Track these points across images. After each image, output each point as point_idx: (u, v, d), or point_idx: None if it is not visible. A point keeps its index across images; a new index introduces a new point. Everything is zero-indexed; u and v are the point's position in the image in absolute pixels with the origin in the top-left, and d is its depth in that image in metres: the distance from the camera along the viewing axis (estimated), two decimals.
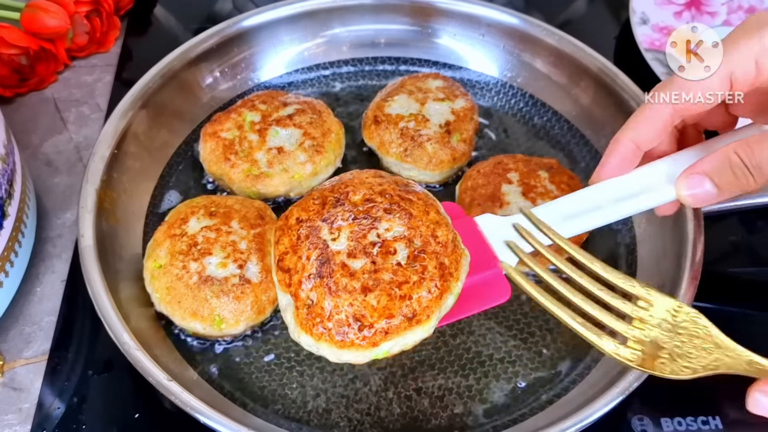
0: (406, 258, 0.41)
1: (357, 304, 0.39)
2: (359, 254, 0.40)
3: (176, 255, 0.53)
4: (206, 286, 0.51)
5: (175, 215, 0.56)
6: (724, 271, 0.61)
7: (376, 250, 0.41)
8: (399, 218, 0.42)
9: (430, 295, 0.40)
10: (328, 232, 0.42)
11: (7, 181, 0.52)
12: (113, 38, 0.77)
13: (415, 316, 0.40)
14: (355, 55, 0.73)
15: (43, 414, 0.50)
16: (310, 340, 0.40)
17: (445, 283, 0.41)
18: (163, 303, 0.52)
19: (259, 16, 0.69)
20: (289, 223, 0.43)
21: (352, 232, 0.41)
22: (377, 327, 0.39)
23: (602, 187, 0.47)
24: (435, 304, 0.40)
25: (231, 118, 0.62)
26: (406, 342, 0.41)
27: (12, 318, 0.55)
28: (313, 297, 0.40)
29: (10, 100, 0.71)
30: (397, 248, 0.41)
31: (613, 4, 0.85)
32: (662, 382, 0.52)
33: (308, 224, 0.42)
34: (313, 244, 0.41)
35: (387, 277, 0.40)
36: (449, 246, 0.42)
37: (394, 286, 0.40)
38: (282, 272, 0.42)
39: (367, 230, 0.41)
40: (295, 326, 0.41)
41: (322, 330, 0.40)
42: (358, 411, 0.51)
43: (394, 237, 0.41)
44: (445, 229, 0.42)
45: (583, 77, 0.67)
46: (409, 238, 0.41)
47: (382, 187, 0.44)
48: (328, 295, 0.40)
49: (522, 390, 0.52)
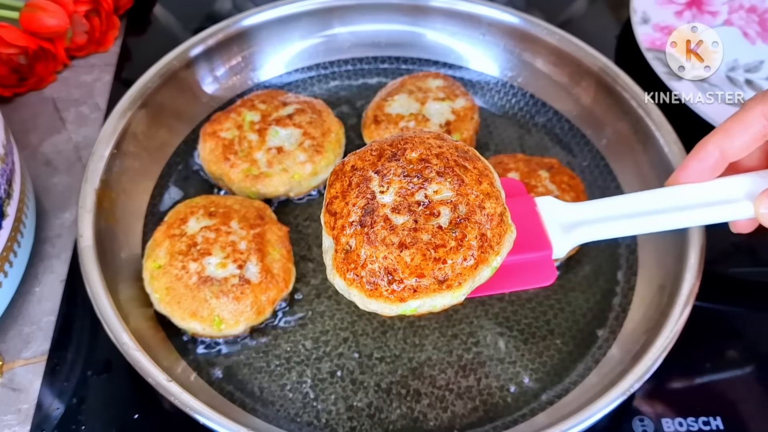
0: (448, 222, 0.41)
1: (391, 258, 0.40)
2: (403, 210, 0.41)
3: (175, 255, 0.53)
4: (206, 287, 0.51)
5: (174, 215, 0.56)
6: (725, 271, 0.61)
7: (421, 209, 0.41)
8: (450, 183, 0.42)
9: (465, 264, 0.40)
10: (378, 184, 0.42)
11: (6, 181, 0.52)
12: (112, 38, 0.77)
13: (446, 281, 0.40)
14: (355, 54, 0.73)
15: (42, 414, 0.50)
16: (343, 284, 0.41)
17: (483, 255, 0.41)
18: (162, 303, 0.52)
19: (258, 16, 0.69)
20: (345, 169, 0.44)
21: (401, 188, 0.42)
22: (407, 283, 0.40)
23: (677, 190, 0.45)
24: (469, 273, 0.40)
25: (230, 117, 0.62)
26: (434, 304, 0.41)
27: (11, 318, 0.55)
28: (352, 243, 0.41)
29: (9, 100, 0.70)
30: (441, 211, 0.41)
31: (613, 4, 0.85)
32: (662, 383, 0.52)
33: (361, 173, 0.43)
34: (362, 193, 0.42)
35: (425, 238, 0.40)
36: (495, 219, 0.41)
37: (431, 248, 0.40)
38: (329, 215, 0.42)
39: (416, 189, 0.41)
40: (331, 268, 0.42)
41: (355, 276, 0.40)
42: (358, 411, 0.51)
43: (441, 200, 0.41)
44: (494, 202, 0.42)
45: (584, 77, 0.67)
46: (455, 203, 0.41)
47: (440, 149, 0.43)
48: (366, 245, 0.40)
49: (522, 391, 0.52)
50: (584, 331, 0.55)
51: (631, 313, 0.55)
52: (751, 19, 0.77)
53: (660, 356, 0.47)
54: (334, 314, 0.55)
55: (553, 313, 0.56)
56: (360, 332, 0.54)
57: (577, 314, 0.56)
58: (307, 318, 0.55)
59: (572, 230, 0.45)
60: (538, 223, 0.45)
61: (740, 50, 0.74)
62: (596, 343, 0.54)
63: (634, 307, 0.55)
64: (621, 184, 0.63)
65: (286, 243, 0.56)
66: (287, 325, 0.55)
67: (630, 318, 0.55)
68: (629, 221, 0.45)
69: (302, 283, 0.57)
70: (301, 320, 0.55)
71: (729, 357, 0.55)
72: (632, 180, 0.62)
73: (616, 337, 0.54)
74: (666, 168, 0.58)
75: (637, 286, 0.57)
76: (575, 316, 0.56)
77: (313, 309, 0.55)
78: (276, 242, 0.55)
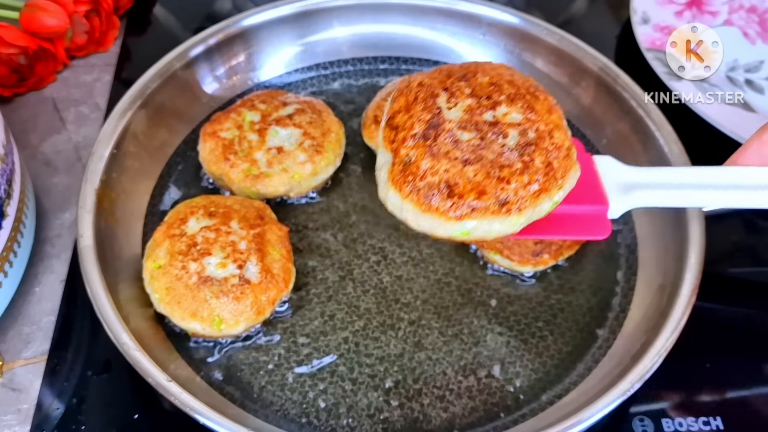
0: (515, 145, 0.39)
1: (453, 171, 0.38)
2: (470, 127, 0.39)
3: (175, 255, 0.53)
4: (206, 287, 0.51)
5: (174, 215, 0.56)
6: (725, 271, 0.61)
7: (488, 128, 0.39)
8: (520, 107, 0.40)
9: (529, 188, 0.38)
10: (445, 101, 0.40)
11: (6, 181, 0.52)
12: (112, 38, 0.77)
13: (507, 204, 0.38)
14: (355, 54, 0.73)
15: (42, 414, 0.50)
16: (398, 197, 0.39)
17: (547, 183, 0.39)
18: (162, 303, 0.52)
19: (258, 16, 0.69)
20: (411, 85, 0.42)
21: (470, 106, 0.40)
22: (466, 200, 0.38)
23: (733, 170, 0.45)
24: (531, 200, 0.39)
25: (230, 117, 0.62)
26: (490, 229, 0.39)
27: (11, 318, 0.55)
28: (413, 155, 0.39)
29: (9, 100, 0.70)
30: (509, 133, 0.39)
31: (613, 4, 0.85)
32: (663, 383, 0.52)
33: (429, 89, 0.41)
34: (428, 108, 0.40)
35: (491, 156, 0.38)
36: (563, 150, 0.40)
37: (496, 167, 0.38)
38: (389, 129, 0.40)
39: (485, 109, 0.40)
40: (386, 182, 0.40)
41: (411, 188, 0.38)
42: (358, 411, 0.51)
43: (510, 122, 0.39)
44: (564, 134, 0.41)
45: (584, 77, 0.67)
46: (525, 128, 0.40)
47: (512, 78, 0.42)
48: (428, 156, 0.38)
49: (522, 391, 0.52)
50: (584, 331, 0.55)
51: (631, 313, 0.55)
52: (751, 19, 0.77)
53: (660, 356, 0.47)
54: (334, 314, 0.55)
55: (553, 313, 0.56)
56: (360, 332, 0.54)
57: (577, 314, 0.56)
58: (307, 318, 0.55)
59: (630, 192, 0.44)
60: (595, 179, 0.44)
61: (740, 50, 0.73)
62: (596, 343, 0.54)
63: (634, 307, 0.55)
64: None
65: (286, 243, 0.56)
66: (287, 325, 0.55)
67: (630, 318, 0.55)
68: (688, 192, 0.44)
69: (302, 282, 0.57)
70: (301, 320, 0.55)
71: (729, 357, 0.55)
72: None
73: (616, 337, 0.54)
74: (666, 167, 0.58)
75: (637, 286, 0.57)
76: (575, 316, 0.56)
77: (313, 309, 0.55)
78: (276, 242, 0.55)
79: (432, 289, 0.57)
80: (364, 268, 0.58)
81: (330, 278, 0.57)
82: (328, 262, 0.58)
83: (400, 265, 0.58)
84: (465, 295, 0.56)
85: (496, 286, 0.57)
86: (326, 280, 0.57)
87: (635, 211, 0.61)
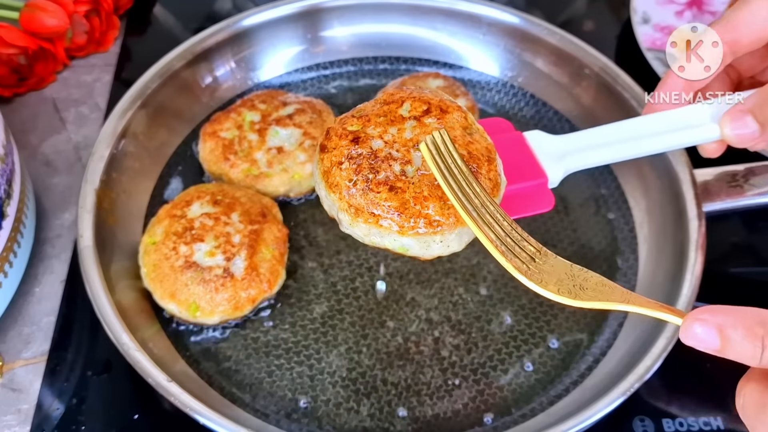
0: None
1: None
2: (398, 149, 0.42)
3: (170, 235, 0.54)
4: (189, 271, 0.52)
5: (182, 196, 0.57)
6: (726, 271, 0.61)
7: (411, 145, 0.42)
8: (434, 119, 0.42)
9: None
10: None
11: (6, 181, 0.52)
12: (112, 38, 0.77)
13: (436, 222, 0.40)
14: (355, 54, 0.73)
15: (42, 415, 0.50)
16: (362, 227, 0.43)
17: None
18: (148, 278, 0.53)
19: (258, 15, 0.69)
20: None
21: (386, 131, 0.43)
22: None
23: (647, 119, 0.48)
24: None
25: (230, 117, 0.62)
26: None
27: (11, 319, 0.55)
28: None
29: (9, 100, 0.70)
30: None
31: (614, 4, 0.85)
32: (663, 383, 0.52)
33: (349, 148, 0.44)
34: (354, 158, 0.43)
35: None
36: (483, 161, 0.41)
37: None
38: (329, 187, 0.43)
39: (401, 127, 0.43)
40: None
41: None
42: (358, 411, 0.51)
43: None
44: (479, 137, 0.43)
45: (585, 77, 0.67)
46: None
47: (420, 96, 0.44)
48: None
49: (522, 391, 0.52)
50: (584, 331, 0.55)
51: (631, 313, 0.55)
52: None
53: (660, 356, 0.47)
54: (334, 314, 0.55)
55: (553, 313, 0.56)
56: (360, 332, 0.54)
57: (577, 314, 0.56)
58: (307, 318, 0.55)
59: (563, 159, 0.46)
60: (530, 155, 0.46)
61: None
62: (596, 343, 0.54)
63: None
64: (621, 183, 0.63)
65: (282, 245, 0.56)
66: (288, 326, 0.55)
67: (630, 318, 0.55)
68: (611, 148, 0.47)
69: (300, 283, 0.57)
70: (302, 321, 0.55)
71: None
72: (633, 179, 0.62)
73: (616, 336, 0.54)
74: (666, 167, 0.58)
75: (637, 286, 0.57)
76: (575, 316, 0.56)
77: (313, 309, 0.55)
78: (271, 242, 0.55)
79: (432, 289, 0.57)
80: (363, 268, 0.58)
81: (330, 278, 0.57)
82: (328, 263, 0.58)
83: (400, 265, 0.58)
84: (465, 295, 0.56)
85: (494, 276, 0.57)
86: (326, 280, 0.57)
87: (635, 211, 0.61)
